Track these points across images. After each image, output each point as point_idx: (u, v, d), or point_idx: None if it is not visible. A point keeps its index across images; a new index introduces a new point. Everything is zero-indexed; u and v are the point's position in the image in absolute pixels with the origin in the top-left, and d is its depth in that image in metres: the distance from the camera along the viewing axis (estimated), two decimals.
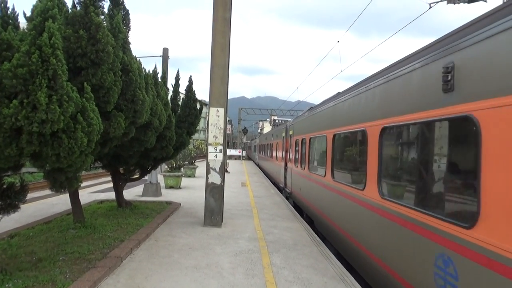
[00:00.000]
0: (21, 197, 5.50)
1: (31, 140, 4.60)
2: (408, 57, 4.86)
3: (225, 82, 9.00)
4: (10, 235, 7.05)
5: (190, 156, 22.59)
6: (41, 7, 4.88)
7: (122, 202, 10.21)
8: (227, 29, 8.96)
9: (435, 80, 3.90)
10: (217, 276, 5.56)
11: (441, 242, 3.60)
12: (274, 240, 7.78)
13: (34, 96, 4.42)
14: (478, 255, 3.05)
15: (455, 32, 3.84)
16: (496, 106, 2.98)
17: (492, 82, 3.06)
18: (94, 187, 15.95)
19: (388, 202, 4.93)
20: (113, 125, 6.48)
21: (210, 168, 8.93)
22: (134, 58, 7.45)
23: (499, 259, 2.83)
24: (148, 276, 5.43)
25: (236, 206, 11.90)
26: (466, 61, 3.43)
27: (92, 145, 5.39)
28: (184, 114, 11.29)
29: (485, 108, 3.11)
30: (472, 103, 3.27)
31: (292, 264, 6.21)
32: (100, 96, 6.11)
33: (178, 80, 11.25)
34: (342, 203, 7.04)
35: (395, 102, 4.92)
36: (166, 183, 16.50)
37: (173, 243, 7.25)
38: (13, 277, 4.92)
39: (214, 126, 9.00)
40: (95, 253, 6.17)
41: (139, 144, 8.36)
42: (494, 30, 3.09)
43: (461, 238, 3.28)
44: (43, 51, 4.49)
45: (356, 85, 7.03)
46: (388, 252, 4.86)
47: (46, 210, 10.10)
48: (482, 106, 3.15)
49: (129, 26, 7.80)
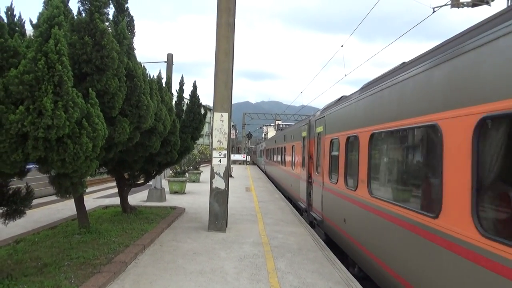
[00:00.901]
0: (26, 203, 5.53)
1: (37, 146, 4.64)
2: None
3: (229, 87, 9.03)
4: (16, 240, 7.08)
5: (194, 161, 22.62)
6: (47, 14, 4.93)
7: (127, 207, 10.23)
8: (230, 34, 9.00)
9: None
10: (221, 281, 5.55)
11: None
12: (278, 245, 7.75)
13: (40, 102, 4.46)
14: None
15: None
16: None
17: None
18: (99, 192, 16.00)
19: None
20: (118, 130, 6.51)
21: (215, 173, 8.94)
22: (139, 64, 7.50)
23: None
24: (153, 281, 5.43)
25: (240, 211, 11.88)
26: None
27: (97, 150, 5.42)
28: (188, 119, 11.33)
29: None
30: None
31: (297, 269, 6.18)
32: (105, 102, 6.15)
33: (182, 85, 11.33)
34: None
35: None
36: (171, 188, 16.52)
37: (178, 248, 7.24)
38: (19, 282, 4.94)
39: (218, 131, 9.02)
40: (100, 258, 6.18)
41: (144, 149, 8.39)
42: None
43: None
44: (49, 57, 4.54)
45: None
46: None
47: (51, 216, 10.14)
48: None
49: (134, 32, 7.86)
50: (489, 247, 3.06)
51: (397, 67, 5.63)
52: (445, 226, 3.71)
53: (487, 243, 3.09)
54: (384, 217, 5.20)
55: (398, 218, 4.74)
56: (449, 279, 3.62)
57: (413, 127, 4.58)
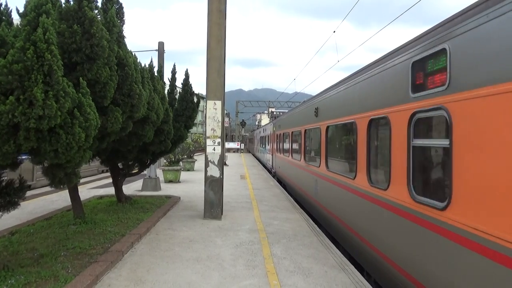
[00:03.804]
0: (20, 194, 5.50)
1: (29, 137, 4.59)
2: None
3: (221, 75, 8.97)
4: (11, 232, 7.07)
5: (188, 150, 22.59)
6: (35, 2, 4.83)
7: (122, 197, 10.23)
8: (222, 21, 8.90)
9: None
10: (218, 267, 5.60)
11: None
12: (274, 231, 7.82)
13: (30, 92, 4.40)
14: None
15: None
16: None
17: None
18: (93, 182, 15.95)
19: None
20: (111, 120, 6.46)
21: (209, 161, 8.94)
22: (130, 53, 7.41)
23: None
24: (150, 269, 5.47)
25: (235, 199, 11.94)
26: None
27: (90, 140, 5.38)
28: (181, 108, 11.27)
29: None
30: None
31: (293, 254, 6.25)
32: (96, 91, 6.08)
33: (174, 74, 11.22)
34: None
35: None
36: (165, 177, 16.52)
37: (174, 236, 7.28)
38: (15, 273, 4.95)
39: (212, 119, 8.99)
40: (96, 248, 6.20)
41: (137, 139, 8.35)
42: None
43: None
44: (38, 46, 4.45)
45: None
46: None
47: (46, 207, 10.11)
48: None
49: (123, 20, 7.74)
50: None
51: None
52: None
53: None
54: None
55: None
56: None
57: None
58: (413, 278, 4.24)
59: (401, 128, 4.55)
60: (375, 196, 5.41)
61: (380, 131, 5.64)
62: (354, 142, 6.47)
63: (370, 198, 5.61)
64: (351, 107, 6.68)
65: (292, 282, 5.07)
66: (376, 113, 5.44)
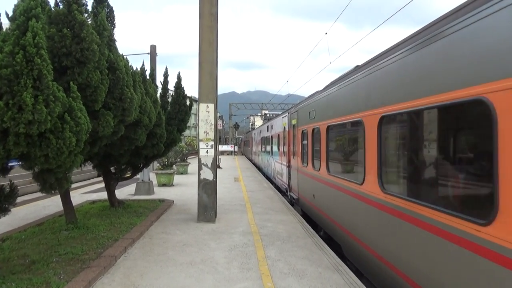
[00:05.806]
0: (11, 200, 5.44)
1: (18, 142, 4.55)
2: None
3: (214, 77, 8.96)
4: (2, 238, 6.98)
5: (181, 153, 22.51)
6: (24, 6, 4.79)
7: (115, 202, 10.15)
8: (214, 24, 8.90)
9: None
10: (212, 271, 5.58)
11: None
12: (268, 233, 7.81)
13: (19, 97, 4.36)
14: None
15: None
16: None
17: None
18: (86, 187, 15.81)
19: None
20: (102, 124, 6.42)
21: (202, 164, 8.92)
22: (121, 56, 7.38)
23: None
24: (144, 274, 5.43)
25: (229, 201, 11.91)
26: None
27: (81, 144, 5.34)
28: (174, 111, 11.24)
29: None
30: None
31: (287, 256, 6.25)
32: (87, 95, 6.04)
33: (167, 77, 11.18)
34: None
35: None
36: (159, 181, 16.43)
37: (168, 240, 7.24)
38: (7, 280, 4.88)
39: (205, 122, 8.97)
40: (89, 253, 6.14)
41: (130, 143, 8.30)
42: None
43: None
44: (27, 51, 4.42)
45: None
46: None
47: (37, 213, 10.00)
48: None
49: (114, 24, 7.71)
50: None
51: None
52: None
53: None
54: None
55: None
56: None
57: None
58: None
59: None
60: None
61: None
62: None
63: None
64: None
65: (287, 284, 5.07)
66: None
